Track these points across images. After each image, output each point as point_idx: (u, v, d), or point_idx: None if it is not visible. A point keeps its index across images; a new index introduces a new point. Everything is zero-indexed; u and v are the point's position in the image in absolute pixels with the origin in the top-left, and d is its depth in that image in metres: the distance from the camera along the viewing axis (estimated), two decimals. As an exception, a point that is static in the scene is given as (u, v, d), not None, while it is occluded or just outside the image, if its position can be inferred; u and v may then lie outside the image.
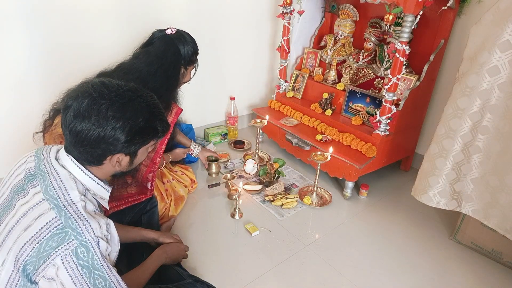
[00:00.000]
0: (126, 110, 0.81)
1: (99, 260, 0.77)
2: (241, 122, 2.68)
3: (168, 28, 1.45)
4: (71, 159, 0.84)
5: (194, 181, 1.86)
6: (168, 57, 1.40)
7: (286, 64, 2.38)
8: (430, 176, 1.44)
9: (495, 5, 1.15)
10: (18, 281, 0.76)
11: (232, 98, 2.47)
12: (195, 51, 1.50)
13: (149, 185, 1.39)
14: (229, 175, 1.84)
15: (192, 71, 1.58)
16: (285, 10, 2.18)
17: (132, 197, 1.35)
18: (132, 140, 0.83)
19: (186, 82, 1.59)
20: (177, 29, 1.48)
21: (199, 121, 2.44)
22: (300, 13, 2.16)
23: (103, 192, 0.92)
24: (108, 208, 0.97)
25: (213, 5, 2.15)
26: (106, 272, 0.78)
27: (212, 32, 2.23)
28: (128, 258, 1.31)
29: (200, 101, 2.39)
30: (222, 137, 2.48)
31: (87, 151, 0.82)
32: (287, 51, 2.32)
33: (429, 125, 2.09)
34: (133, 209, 1.36)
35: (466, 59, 1.25)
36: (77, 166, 0.85)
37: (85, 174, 0.86)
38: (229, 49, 2.37)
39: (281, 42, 2.29)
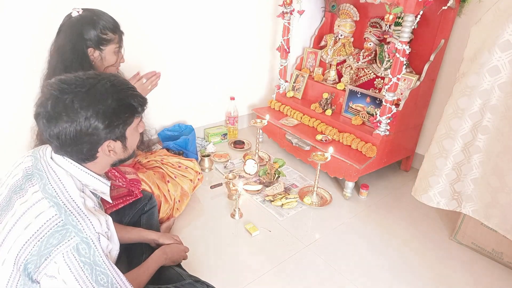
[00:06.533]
0: (91, 96, 0.78)
1: (101, 257, 0.77)
2: (241, 122, 2.68)
3: (72, 10, 1.26)
4: (65, 158, 0.84)
5: (199, 173, 1.81)
6: (67, 43, 1.23)
7: (286, 64, 2.38)
8: (431, 176, 1.44)
9: (495, 5, 1.15)
10: (18, 281, 0.75)
11: (232, 98, 2.47)
12: (105, 26, 1.26)
13: (136, 192, 1.37)
14: (230, 175, 1.84)
15: (115, 50, 1.32)
16: (285, 10, 2.18)
17: (124, 197, 1.35)
18: (112, 123, 0.81)
19: (113, 65, 1.35)
20: (84, 9, 1.27)
21: (199, 121, 2.44)
22: (300, 13, 2.16)
23: (103, 187, 0.90)
24: (111, 201, 0.97)
25: (213, 5, 2.15)
26: (108, 269, 0.78)
27: (212, 32, 2.23)
28: (128, 258, 1.31)
29: (200, 101, 2.39)
30: (222, 137, 2.48)
31: (75, 150, 0.82)
32: (287, 51, 2.32)
33: (429, 125, 2.09)
34: (133, 209, 1.35)
35: (466, 59, 1.25)
36: (72, 164, 0.84)
37: (82, 170, 0.85)
38: (229, 49, 2.37)
39: (281, 42, 2.29)
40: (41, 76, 1.33)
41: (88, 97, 0.78)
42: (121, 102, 0.83)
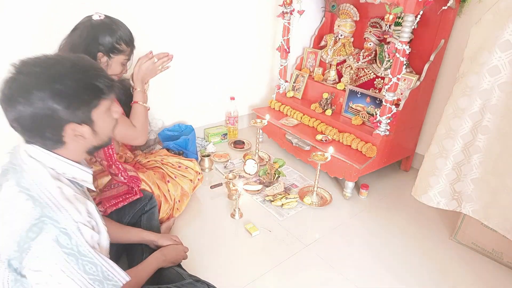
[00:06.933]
0: (47, 76, 0.74)
1: (85, 246, 0.74)
2: (241, 122, 2.68)
3: (94, 14, 1.30)
4: (35, 147, 0.80)
5: (199, 173, 1.80)
6: (81, 43, 1.26)
7: (286, 64, 2.38)
8: (431, 176, 1.44)
9: (495, 5, 1.15)
10: (8, 276, 0.74)
11: (232, 98, 2.47)
12: (121, 37, 1.30)
13: (121, 177, 1.33)
14: (230, 175, 1.84)
15: (123, 61, 1.36)
16: (285, 10, 2.18)
17: (124, 195, 1.35)
18: (71, 105, 0.76)
19: (116, 74, 1.38)
20: (106, 16, 1.31)
21: (199, 121, 2.44)
22: (300, 13, 2.16)
23: (83, 174, 0.86)
24: (94, 189, 0.92)
25: (213, 6, 2.15)
26: (95, 258, 0.76)
27: (212, 32, 2.23)
28: (128, 258, 1.31)
29: (200, 101, 2.39)
30: (222, 137, 2.48)
31: (39, 136, 0.78)
32: (287, 51, 2.32)
33: (429, 125, 2.09)
34: (133, 209, 1.35)
35: (466, 59, 1.25)
36: (43, 152, 0.80)
37: (55, 158, 0.81)
38: (229, 49, 2.37)
39: (281, 42, 2.29)
40: None
41: (44, 77, 0.74)
42: (81, 82, 0.77)
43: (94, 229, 0.79)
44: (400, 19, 1.90)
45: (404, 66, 1.66)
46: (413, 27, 1.56)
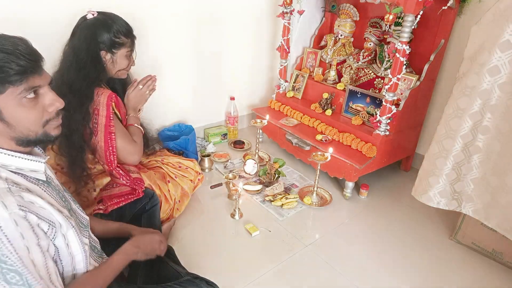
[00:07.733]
0: None
1: (3, 250, 0.64)
2: (241, 122, 2.68)
3: (88, 13, 1.29)
4: None
5: (199, 173, 1.78)
6: (82, 45, 1.26)
7: (286, 64, 2.38)
8: (431, 176, 1.44)
9: (495, 5, 1.15)
10: None
11: (232, 98, 2.47)
12: (118, 30, 1.29)
13: (121, 179, 1.35)
14: (230, 175, 1.84)
15: (127, 54, 1.36)
16: (285, 10, 2.18)
17: (126, 195, 1.35)
18: None
19: (125, 68, 1.39)
20: (99, 12, 1.30)
21: (199, 121, 2.44)
22: (300, 13, 2.16)
23: (30, 164, 0.78)
24: (45, 179, 0.81)
25: (213, 5, 2.15)
26: (18, 266, 0.65)
27: (212, 32, 2.23)
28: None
29: (200, 101, 2.39)
30: (222, 137, 2.48)
31: None
32: (287, 51, 2.32)
33: (429, 125, 2.09)
34: (133, 208, 1.35)
35: (466, 59, 1.25)
36: None
37: None
38: (229, 49, 2.37)
39: (281, 42, 2.29)
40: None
41: None
42: None
43: (34, 230, 0.70)
44: (400, 19, 1.90)
45: (404, 66, 1.66)
46: (413, 27, 1.56)
